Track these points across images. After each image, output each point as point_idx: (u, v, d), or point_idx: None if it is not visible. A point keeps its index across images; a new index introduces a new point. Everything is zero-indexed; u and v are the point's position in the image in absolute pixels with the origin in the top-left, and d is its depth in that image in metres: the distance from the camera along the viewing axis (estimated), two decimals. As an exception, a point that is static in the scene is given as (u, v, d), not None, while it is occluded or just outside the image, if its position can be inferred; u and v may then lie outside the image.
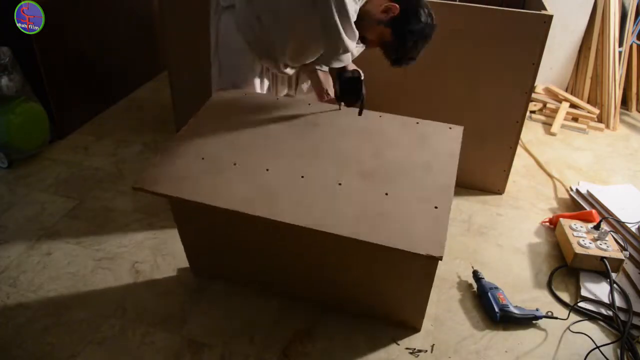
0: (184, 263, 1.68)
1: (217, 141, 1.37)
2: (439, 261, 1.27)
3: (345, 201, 1.18)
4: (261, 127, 1.44)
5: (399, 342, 1.43)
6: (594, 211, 1.88)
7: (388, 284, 1.36)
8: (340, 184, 1.23)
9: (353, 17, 1.33)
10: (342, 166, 1.28)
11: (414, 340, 1.45)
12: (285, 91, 1.76)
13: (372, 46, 1.50)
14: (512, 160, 2.02)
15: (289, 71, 1.63)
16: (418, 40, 1.40)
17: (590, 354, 1.40)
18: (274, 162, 1.30)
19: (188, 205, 1.29)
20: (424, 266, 1.26)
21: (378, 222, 1.13)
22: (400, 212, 1.15)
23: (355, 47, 1.42)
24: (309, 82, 1.78)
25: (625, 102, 2.94)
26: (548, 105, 2.85)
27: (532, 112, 2.84)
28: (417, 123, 1.43)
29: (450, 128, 1.41)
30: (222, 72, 1.62)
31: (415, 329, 1.45)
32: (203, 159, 1.31)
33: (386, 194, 1.20)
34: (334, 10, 1.28)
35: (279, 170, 1.26)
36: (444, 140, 1.37)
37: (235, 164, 1.28)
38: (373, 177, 1.25)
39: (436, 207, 1.16)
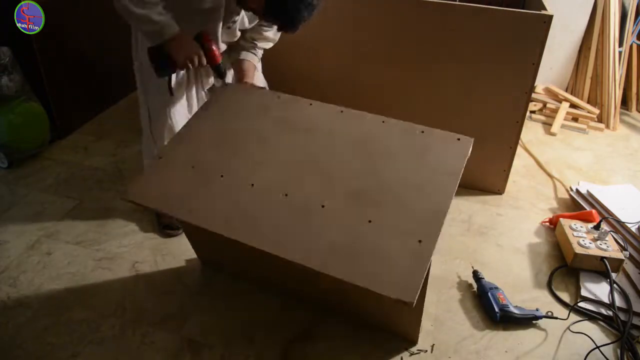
0: (184, 263, 1.69)
1: (210, 145, 1.37)
2: (438, 261, 1.28)
3: (325, 227, 1.13)
4: (256, 130, 1.40)
5: (399, 342, 1.43)
6: (594, 211, 1.88)
7: (377, 303, 1.34)
8: (323, 206, 1.17)
9: None
10: (329, 183, 1.22)
11: (414, 340, 1.45)
12: (210, 81, 1.74)
13: (260, 17, 1.51)
14: (512, 160, 2.02)
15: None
16: (291, 2, 1.35)
17: (590, 354, 1.40)
18: (260, 175, 1.27)
19: None
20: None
21: (354, 255, 1.07)
22: (379, 245, 1.09)
23: (161, 19, 1.40)
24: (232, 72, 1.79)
25: (625, 102, 2.94)
26: (548, 105, 2.85)
27: (532, 112, 2.84)
28: (422, 132, 1.32)
29: (458, 139, 1.28)
30: (142, 62, 1.63)
31: (412, 342, 1.43)
32: (193, 167, 1.31)
33: (369, 221, 1.13)
34: None
35: (264, 187, 1.24)
36: (448, 156, 1.25)
37: (222, 176, 1.27)
38: (359, 200, 1.18)
39: (420, 241, 1.08)
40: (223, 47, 1.64)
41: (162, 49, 1.44)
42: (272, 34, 1.72)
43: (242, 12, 1.56)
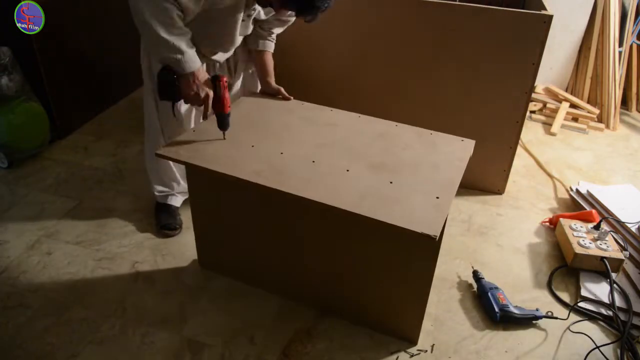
0: (184, 263, 1.69)
1: (240, 128, 1.49)
2: (438, 261, 1.28)
3: (350, 183, 1.25)
4: (282, 122, 1.54)
5: (398, 342, 1.43)
6: (594, 211, 1.88)
7: (387, 287, 1.36)
8: (347, 171, 1.30)
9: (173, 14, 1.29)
10: (352, 158, 1.36)
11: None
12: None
13: (280, 10, 1.45)
14: (512, 160, 2.02)
15: (219, 57, 1.64)
16: None
17: (590, 354, 1.40)
18: (289, 148, 1.39)
19: (204, 180, 1.47)
20: (422, 263, 1.27)
21: (378, 203, 1.17)
22: (401, 198, 1.19)
23: (188, 50, 1.35)
24: (250, 70, 1.80)
25: (625, 102, 2.94)
26: (548, 105, 2.85)
27: (532, 112, 2.84)
28: (431, 134, 1.50)
29: (462, 140, 1.47)
30: (152, 65, 1.62)
31: (412, 342, 1.43)
32: (224, 138, 1.42)
33: (391, 182, 1.26)
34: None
35: (292, 155, 1.36)
36: (454, 149, 1.42)
37: (253, 146, 1.39)
38: (380, 169, 1.31)
39: (437, 198, 1.20)
40: (239, 40, 1.62)
41: (174, 78, 1.38)
42: (290, 19, 1.71)
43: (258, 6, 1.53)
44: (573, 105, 2.84)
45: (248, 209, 1.46)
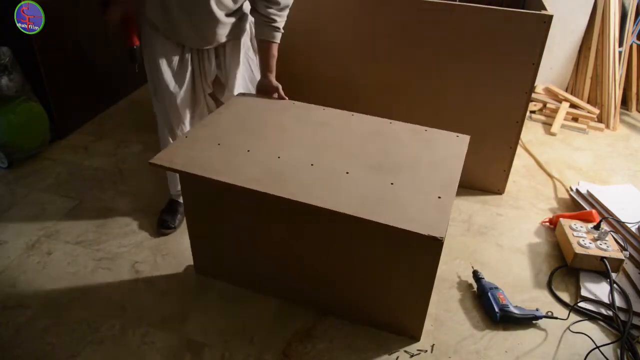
0: (184, 263, 1.68)
1: (234, 131, 1.48)
2: (440, 261, 1.28)
3: (351, 186, 1.24)
4: (276, 123, 1.53)
5: (399, 342, 1.43)
6: (594, 211, 1.88)
7: (388, 288, 1.36)
8: (347, 173, 1.30)
9: None
10: (350, 159, 1.35)
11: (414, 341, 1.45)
12: (212, 70, 1.70)
13: None
14: (512, 160, 2.02)
15: (200, 43, 1.61)
16: None
17: (590, 354, 1.40)
18: (285, 151, 1.38)
19: (199, 187, 1.44)
20: (425, 261, 1.27)
21: (382, 205, 1.17)
22: (404, 199, 1.20)
23: None
24: (239, 67, 1.74)
25: (625, 102, 2.94)
26: (548, 105, 2.85)
27: (532, 112, 2.84)
28: (426, 130, 1.50)
29: (457, 136, 1.47)
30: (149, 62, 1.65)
31: (414, 337, 1.44)
32: (219, 144, 1.41)
33: (392, 183, 1.26)
34: None
35: (290, 158, 1.35)
36: (450, 146, 1.43)
37: (248, 151, 1.37)
38: (380, 170, 1.31)
39: (439, 197, 1.20)
40: (224, 18, 1.54)
41: None
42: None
43: None
44: (573, 105, 2.84)
45: (246, 215, 1.44)
